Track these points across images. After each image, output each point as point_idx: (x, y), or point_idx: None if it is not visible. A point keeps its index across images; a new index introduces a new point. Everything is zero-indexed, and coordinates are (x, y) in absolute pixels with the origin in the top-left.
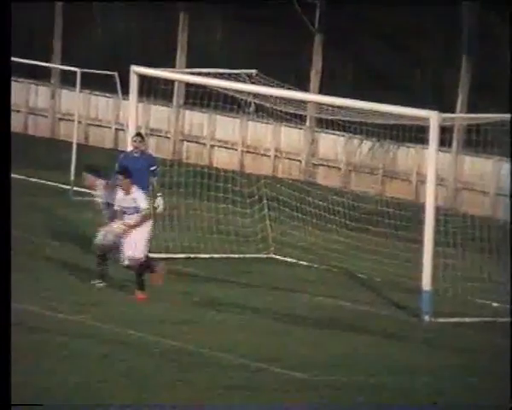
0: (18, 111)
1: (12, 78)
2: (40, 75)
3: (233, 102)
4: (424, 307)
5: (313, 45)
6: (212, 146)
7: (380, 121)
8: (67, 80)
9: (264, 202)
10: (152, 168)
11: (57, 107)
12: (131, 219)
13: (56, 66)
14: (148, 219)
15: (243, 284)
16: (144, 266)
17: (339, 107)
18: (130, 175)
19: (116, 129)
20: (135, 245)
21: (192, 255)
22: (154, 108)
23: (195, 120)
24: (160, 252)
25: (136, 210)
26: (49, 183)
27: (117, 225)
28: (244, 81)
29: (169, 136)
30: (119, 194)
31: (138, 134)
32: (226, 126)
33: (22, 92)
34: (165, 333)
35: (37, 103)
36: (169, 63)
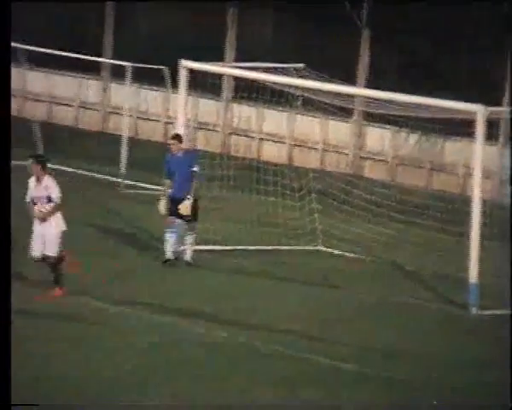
0: (70, 105)
1: (64, 72)
2: (91, 69)
3: (281, 95)
4: (471, 300)
5: (360, 40)
6: (261, 139)
7: (426, 115)
8: (118, 74)
9: (313, 195)
10: (192, 169)
11: (108, 101)
12: (44, 208)
13: (107, 60)
14: (58, 210)
15: (290, 275)
16: (59, 262)
17: (385, 101)
18: (43, 161)
19: (165, 122)
20: (48, 242)
21: (240, 247)
22: (203, 101)
23: (244, 113)
24: (208, 244)
25: (49, 200)
26: (99, 176)
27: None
28: (292, 75)
29: (218, 129)
30: (32, 182)
31: (174, 137)
32: (274, 120)
33: (74, 86)
34: (212, 325)
35: (89, 97)
36: (218, 57)
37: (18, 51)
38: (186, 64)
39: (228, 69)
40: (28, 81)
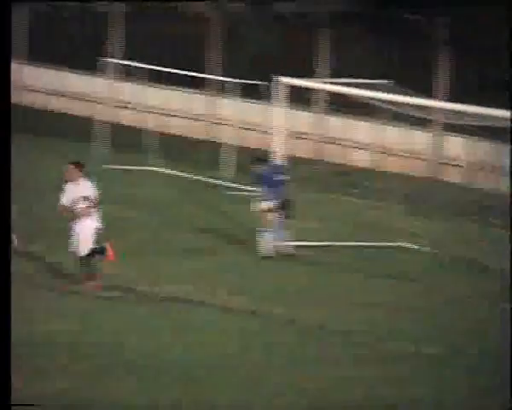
0: (181, 117)
1: (176, 87)
2: (199, 85)
3: (369, 107)
4: None
5: (440, 56)
6: (351, 147)
7: (503, 125)
8: (223, 89)
9: (396, 196)
10: (280, 178)
11: (214, 112)
12: (80, 208)
13: (217, 77)
14: (94, 208)
15: (375, 271)
16: (95, 257)
17: (465, 113)
18: (79, 165)
19: (265, 132)
20: (84, 239)
21: (331, 243)
22: (298, 112)
23: (335, 123)
24: (300, 240)
25: (85, 199)
26: (205, 179)
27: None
28: (380, 90)
29: (311, 138)
30: (68, 186)
31: (258, 159)
32: (363, 130)
33: (187, 100)
34: (301, 312)
35: (197, 110)
36: (309, 72)
37: (135, 68)
38: (283, 80)
39: (322, 84)
40: (143, 95)
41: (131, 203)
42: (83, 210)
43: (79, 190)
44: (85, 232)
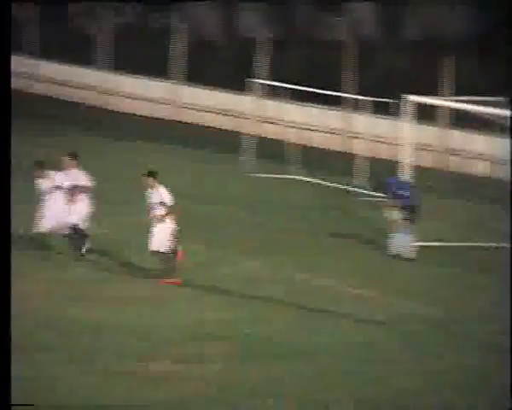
0: (321, 131)
1: (315, 104)
2: (335, 102)
3: (486, 122)
4: None
5: None
6: (469, 158)
7: None
8: (356, 106)
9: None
10: (407, 188)
11: (348, 127)
12: (157, 212)
13: (351, 95)
14: (171, 212)
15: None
16: (168, 257)
17: None
18: (155, 174)
19: (392, 144)
20: (162, 239)
21: (450, 244)
22: (423, 126)
23: (457, 136)
24: (427, 241)
25: (162, 204)
26: (346, 187)
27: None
28: (494, 106)
29: (435, 150)
30: (147, 193)
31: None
32: (481, 142)
33: (322, 116)
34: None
35: (333, 124)
36: (435, 90)
37: (279, 87)
38: (411, 98)
39: (445, 102)
40: (285, 111)
41: (276, 208)
42: (159, 214)
43: (157, 197)
44: (164, 232)
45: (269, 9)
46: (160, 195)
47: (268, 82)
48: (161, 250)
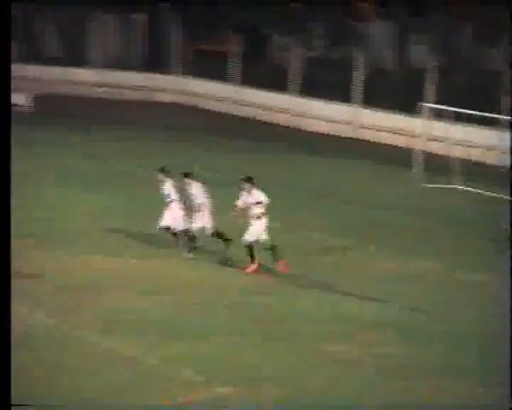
0: (475, 147)
1: (477, 125)
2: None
3: None
4: None
5: None
6: None
7: None
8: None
9: None
10: None
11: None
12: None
13: (505, 117)
14: (265, 211)
15: None
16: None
17: None
18: (252, 181)
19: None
20: (256, 232)
21: None
22: None
23: None
24: None
25: (257, 203)
26: (496, 195)
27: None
28: None
29: None
30: (243, 195)
31: None
32: None
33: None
34: None
35: (491, 142)
36: None
37: (445, 110)
38: None
39: None
40: (450, 131)
41: (444, 214)
42: (259, 212)
43: (253, 198)
44: (258, 227)
45: (435, 42)
46: (256, 196)
47: (435, 105)
48: (253, 239)
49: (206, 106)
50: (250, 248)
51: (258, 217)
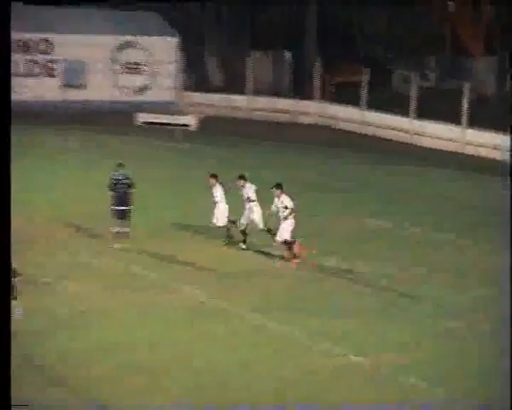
0: None
1: None
2: None
3: None
4: None
5: None
6: None
7: None
8: None
9: None
10: None
11: None
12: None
13: None
14: (292, 213)
15: None
16: (288, 245)
17: None
18: (280, 187)
19: None
20: (284, 232)
21: None
22: None
23: None
24: None
25: (285, 208)
26: None
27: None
28: None
29: None
30: (276, 198)
31: None
32: None
33: None
34: None
35: None
36: None
37: None
38: None
39: None
40: None
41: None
42: (287, 215)
43: (281, 202)
44: (286, 228)
45: None
46: (284, 200)
47: None
48: (282, 238)
49: (340, 126)
50: (286, 244)
51: (285, 218)
